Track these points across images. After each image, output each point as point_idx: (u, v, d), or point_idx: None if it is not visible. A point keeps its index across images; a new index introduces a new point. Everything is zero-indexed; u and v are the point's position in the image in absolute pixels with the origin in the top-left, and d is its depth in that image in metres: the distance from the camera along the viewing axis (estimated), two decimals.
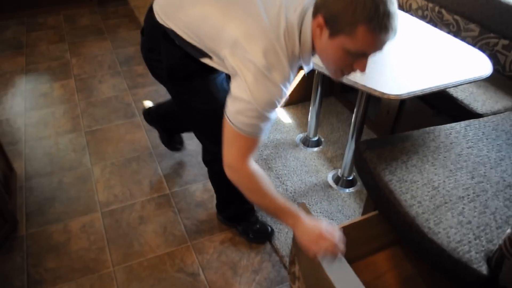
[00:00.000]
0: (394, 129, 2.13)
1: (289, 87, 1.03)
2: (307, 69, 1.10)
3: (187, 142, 2.17)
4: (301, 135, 2.26)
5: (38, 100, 2.53)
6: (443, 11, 2.10)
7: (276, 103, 1.01)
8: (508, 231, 0.93)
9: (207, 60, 1.15)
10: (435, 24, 2.15)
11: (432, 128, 1.44)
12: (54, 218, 1.79)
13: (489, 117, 1.53)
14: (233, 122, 1.02)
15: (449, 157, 1.31)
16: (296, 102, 2.51)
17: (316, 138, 2.22)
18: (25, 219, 1.78)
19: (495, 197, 1.16)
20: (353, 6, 0.86)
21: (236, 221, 1.72)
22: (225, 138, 1.07)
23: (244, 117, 1.00)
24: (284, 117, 2.42)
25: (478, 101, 1.71)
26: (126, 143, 2.21)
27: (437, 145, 1.36)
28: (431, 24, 1.92)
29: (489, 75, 1.47)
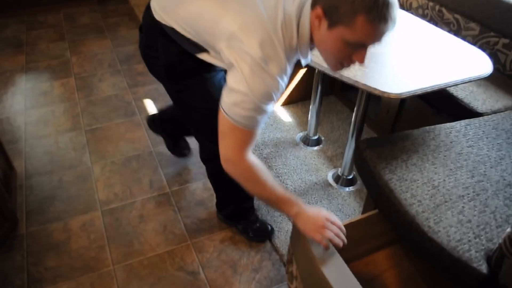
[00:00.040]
0: (394, 128, 2.13)
1: (286, 80, 1.02)
2: (304, 62, 1.09)
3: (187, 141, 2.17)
4: (301, 134, 2.26)
5: (38, 98, 2.53)
6: (444, 10, 2.10)
7: (272, 95, 1.00)
8: (508, 230, 0.93)
9: (204, 55, 1.14)
10: (435, 23, 2.14)
11: (432, 127, 1.44)
12: (54, 216, 1.79)
13: (489, 116, 1.53)
14: (229, 114, 1.01)
15: (449, 156, 1.31)
16: (296, 101, 2.51)
17: (316, 137, 2.22)
18: (25, 217, 1.78)
19: (495, 196, 1.16)
20: None
21: (236, 220, 1.72)
22: (221, 131, 1.06)
23: (240, 109, 0.99)
24: (284, 115, 2.42)
25: (478, 100, 1.71)
26: (126, 141, 2.21)
27: (437, 144, 1.36)
28: (431, 23, 1.92)
29: (489, 74, 1.47)
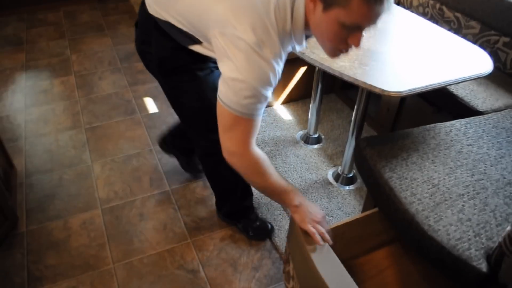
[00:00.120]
0: (394, 126, 2.13)
1: (281, 65, 1.00)
2: (299, 48, 1.08)
3: None
4: (301, 132, 2.26)
5: (38, 96, 2.53)
6: (444, 8, 2.10)
7: (270, 79, 0.98)
8: (508, 229, 0.93)
9: (197, 47, 1.14)
10: (436, 21, 2.14)
11: (432, 125, 1.44)
12: (54, 214, 1.79)
13: (490, 114, 1.53)
14: (229, 105, 0.99)
15: (449, 154, 1.31)
16: (296, 99, 2.51)
17: (316, 135, 2.22)
18: (25, 215, 1.78)
19: (495, 195, 1.16)
20: None
21: (236, 218, 1.72)
22: (223, 125, 1.05)
23: (240, 97, 0.98)
24: (285, 114, 2.41)
25: (479, 98, 1.71)
26: (126, 140, 2.21)
27: (437, 142, 1.36)
28: (432, 21, 1.92)
29: (490, 72, 1.47)
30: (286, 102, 2.49)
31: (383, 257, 1.27)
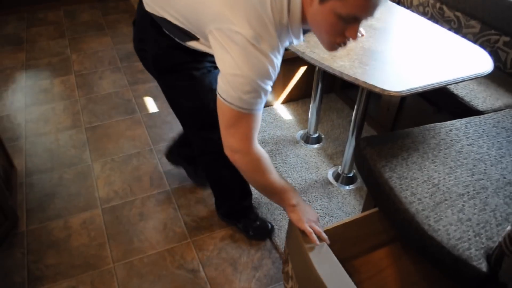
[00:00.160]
0: (394, 126, 2.13)
1: (280, 58, 1.00)
2: (296, 42, 1.07)
3: None
4: (301, 132, 2.26)
5: (39, 96, 2.53)
6: (444, 8, 2.09)
7: (269, 72, 0.97)
8: (508, 229, 0.93)
9: (194, 43, 1.13)
10: (436, 21, 2.14)
11: (432, 125, 1.44)
12: (55, 214, 1.79)
13: (490, 114, 1.53)
14: (229, 101, 0.98)
15: (449, 154, 1.31)
16: (296, 99, 2.51)
17: (316, 135, 2.22)
18: (25, 215, 1.78)
19: (495, 195, 1.16)
20: None
21: (235, 218, 1.72)
22: (225, 122, 1.04)
23: (240, 93, 0.97)
24: (285, 113, 2.41)
25: (479, 98, 1.71)
26: (126, 139, 2.21)
27: (438, 142, 1.35)
28: (432, 21, 1.91)
29: (490, 72, 1.46)
30: (286, 101, 2.49)
31: (383, 257, 1.27)
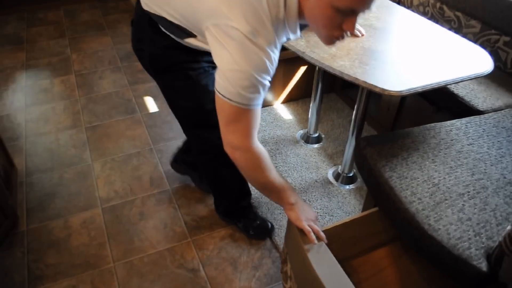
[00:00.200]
0: (394, 125, 2.13)
1: (277, 53, 0.99)
2: (293, 37, 1.06)
3: None
4: (301, 132, 2.26)
5: (39, 95, 2.53)
6: (445, 8, 2.09)
7: (267, 67, 0.96)
8: (508, 228, 0.93)
9: (192, 40, 1.13)
10: (436, 21, 2.14)
11: (432, 124, 1.44)
12: (55, 213, 1.79)
13: (490, 114, 1.53)
14: (228, 98, 0.98)
15: (449, 154, 1.31)
16: (296, 99, 2.51)
17: (316, 135, 2.22)
18: (25, 214, 1.78)
19: (495, 194, 1.16)
20: None
21: (234, 217, 1.72)
22: (223, 118, 1.03)
23: (238, 88, 0.96)
24: (285, 113, 2.41)
25: (479, 98, 1.71)
26: (126, 139, 2.21)
27: (438, 141, 1.36)
28: (432, 21, 1.91)
29: (490, 72, 1.46)
30: (286, 101, 2.49)
31: (383, 257, 1.27)
